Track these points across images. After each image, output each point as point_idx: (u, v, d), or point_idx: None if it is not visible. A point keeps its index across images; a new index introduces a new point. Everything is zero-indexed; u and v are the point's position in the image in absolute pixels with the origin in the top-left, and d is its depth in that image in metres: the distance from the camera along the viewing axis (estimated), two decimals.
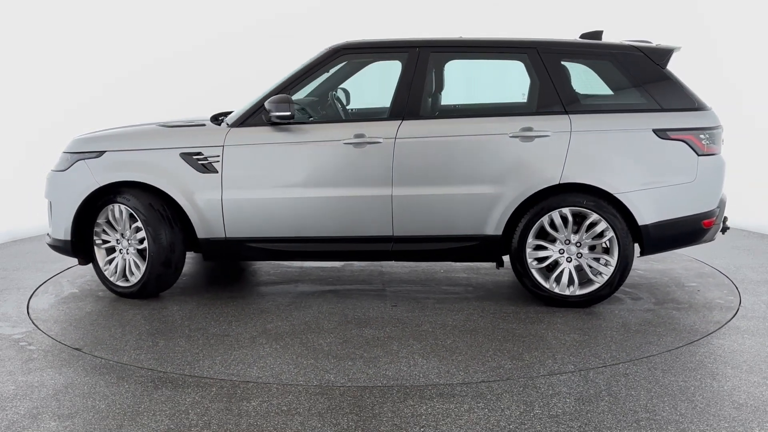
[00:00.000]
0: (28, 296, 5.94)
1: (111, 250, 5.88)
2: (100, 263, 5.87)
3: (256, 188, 5.55)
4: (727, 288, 5.84)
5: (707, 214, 5.41)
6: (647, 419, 3.76)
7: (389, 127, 5.46)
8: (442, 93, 6.14)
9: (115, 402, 4.01)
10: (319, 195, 5.49)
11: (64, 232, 5.81)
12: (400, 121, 5.46)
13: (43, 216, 7.94)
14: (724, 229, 5.79)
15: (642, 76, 5.43)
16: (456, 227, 5.45)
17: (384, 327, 5.14)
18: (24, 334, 5.10)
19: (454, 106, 6.28)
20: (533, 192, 5.33)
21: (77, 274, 6.62)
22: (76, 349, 4.85)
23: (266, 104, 5.46)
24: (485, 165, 5.37)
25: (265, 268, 6.78)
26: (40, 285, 6.25)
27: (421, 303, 5.63)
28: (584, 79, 5.61)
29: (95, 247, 5.86)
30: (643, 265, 6.54)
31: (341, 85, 6.33)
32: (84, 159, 5.78)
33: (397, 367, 4.43)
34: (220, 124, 5.77)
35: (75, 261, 6.78)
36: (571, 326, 5.06)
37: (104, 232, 5.84)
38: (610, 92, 5.60)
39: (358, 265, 6.72)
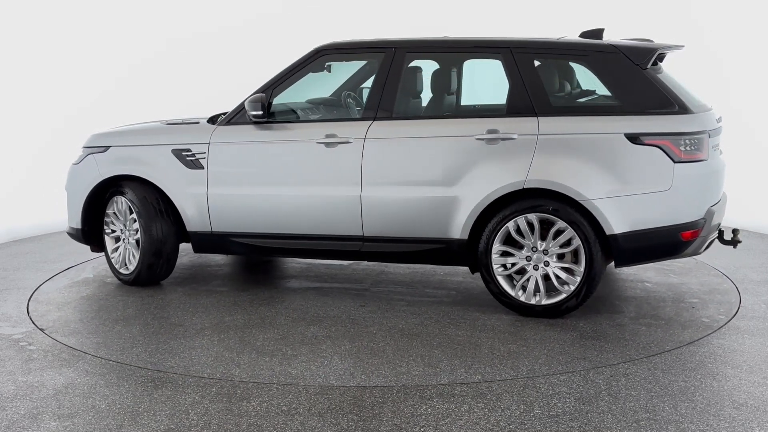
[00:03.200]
0: (28, 296, 5.95)
1: (118, 240, 6.19)
2: (109, 252, 6.21)
3: (238, 185, 5.75)
4: (726, 307, 5.50)
5: (686, 226, 5.01)
6: (647, 419, 3.76)
7: (360, 127, 5.48)
8: (455, 93, 6.01)
9: (115, 402, 4.01)
10: (294, 193, 5.61)
11: (76, 221, 6.21)
12: (371, 122, 5.47)
13: (44, 216, 8.15)
14: (735, 243, 5.49)
15: (619, 77, 5.12)
16: (423, 229, 5.37)
17: (332, 326, 5.15)
18: (24, 334, 5.11)
19: (432, 106, 6.02)
20: (497, 196, 5.14)
21: (100, 262, 6.89)
22: (41, 329, 5.17)
23: (246, 104, 5.62)
24: (450, 167, 5.27)
25: (280, 263, 6.88)
26: (40, 285, 6.26)
27: (392, 305, 5.60)
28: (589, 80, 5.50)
29: (105, 237, 6.21)
30: (657, 277, 6.23)
31: (366, 85, 6.32)
32: (93, 153, 6.18)
33: (305, 366, 4.47)
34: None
35: (75, 260, 6.98)
36: (517, 336, 4.90)
37: (112, 222, 6.18)
38: (588, 93, 5.49)
39: (365, 264, 6.71)
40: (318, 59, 5.73)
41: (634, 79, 5.08)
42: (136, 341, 4.92)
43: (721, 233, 5.53)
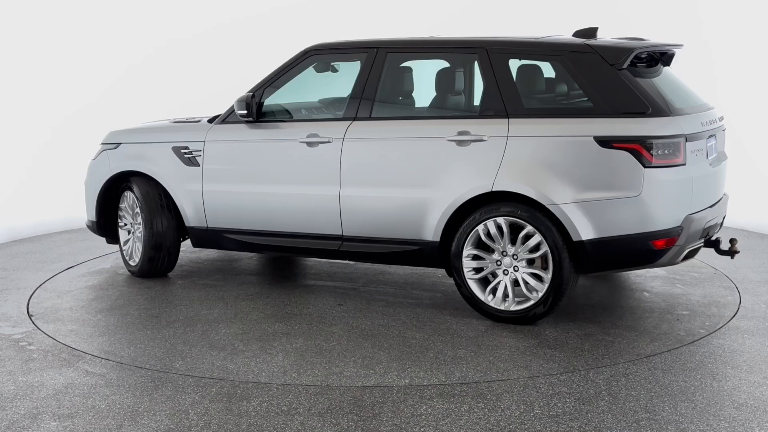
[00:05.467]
0: (28, 296, 5.95)
1: (129, 233, 6.44)
2: (121, 244, 6.49)
3: (229, 182, 5.90)
4: (714, 320, 5.20)
5: (659, 234, 4.79)
6: (647, 419, 3.76)
7: (340, 126, 5.51)
8: (469, 93, 5.90)
9: (115, 402, 4.02)
10: (279, 191, 5.71)
11: (92, 214, 6.53)
12: (350, 122, 5.49)
13: (44, 216, 8.21)
14: (732, 253, 5.18)
15: (593, 78, 4.93)
16: (398, 230, 5.36)
17: (296, 324, 5.17)
18: (24, 334, 5.11)
19: (415, 107, 5.95)
20: (466, 199, 5.06)
21: (116, 256, 7.08)
22: (29, 315, 5.43)
23: (235, 103, 5.75)
24: (422, 168, 5.23)
25: (295, 259, 6.94)
26: (40, 285, 6.26)
27: (370, 305, 5.58)
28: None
29: (119, 229, 6.50)
30: (661, 286, 6.01)
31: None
32: (106, 150, 6.46)
33: (245, 362, 4.52)
34: None
35: (75, 260, 7.03)
36: (473, 341, 4.80)
37: (124, 216, 6.45)
38: (561, 94, 5.37)
39: (369, 263, 6.69)
40: (306, 59, 5.79)
41: (608, 80, 4.89)
42: (105, 330, 5.08)
43: (717, 243, 5.27)
